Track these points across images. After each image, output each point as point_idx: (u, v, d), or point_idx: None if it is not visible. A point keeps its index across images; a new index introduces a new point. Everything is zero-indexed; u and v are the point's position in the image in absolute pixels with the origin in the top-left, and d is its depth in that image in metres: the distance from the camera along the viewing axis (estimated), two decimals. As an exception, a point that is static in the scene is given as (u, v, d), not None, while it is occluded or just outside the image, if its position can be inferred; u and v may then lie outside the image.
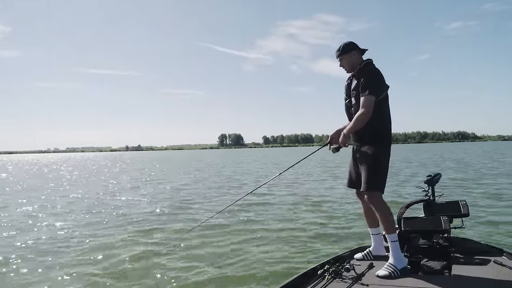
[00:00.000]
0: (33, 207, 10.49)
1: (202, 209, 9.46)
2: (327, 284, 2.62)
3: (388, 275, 2.74)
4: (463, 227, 3.44)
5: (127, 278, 4.57)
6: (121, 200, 11.65)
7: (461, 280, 2.58)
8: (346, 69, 3.17)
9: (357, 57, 3.12)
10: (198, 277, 4.52)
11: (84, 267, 4.99)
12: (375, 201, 3.00)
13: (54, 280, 4.59)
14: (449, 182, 13.01)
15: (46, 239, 6.59)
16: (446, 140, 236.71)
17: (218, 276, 4.50)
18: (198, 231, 6.54)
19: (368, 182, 2.96)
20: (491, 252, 3.12)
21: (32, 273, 4.82)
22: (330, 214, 8.12)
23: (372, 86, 2.91)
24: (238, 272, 4.65)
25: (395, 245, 2.93)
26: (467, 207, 3.38)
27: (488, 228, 6.25)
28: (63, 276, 4.68)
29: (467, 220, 3.57)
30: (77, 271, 4.82)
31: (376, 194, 2.99)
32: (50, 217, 8.76)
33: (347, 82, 3.22)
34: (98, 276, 4.66)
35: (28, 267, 5.06)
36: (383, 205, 3.00)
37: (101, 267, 5.00)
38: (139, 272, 4.77)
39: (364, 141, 3.04)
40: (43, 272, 4.87)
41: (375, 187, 2.97)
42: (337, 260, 3.09)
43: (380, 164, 2.98)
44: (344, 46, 3.12)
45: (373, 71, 3.01)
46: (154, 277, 4.58)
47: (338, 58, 3.16)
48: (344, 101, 3.24)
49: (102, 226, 7.65)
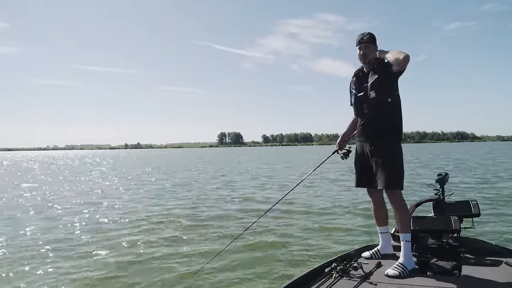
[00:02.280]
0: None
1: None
2: (335, 282, 2.58)
3: (397, 275, 2.70)
4: (474, 228, 3.38)
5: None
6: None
7: (471, 281, 2.53)
8: (363, 58, 3.05)
9: (374, 52, 3.04)
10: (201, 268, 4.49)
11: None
12: (396, 199, 2.94)
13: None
14: (458, 182, 12.96)
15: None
16: (446, 140, 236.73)
17: (222, 270, 4.48)
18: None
19: (389, 180, 2.89)
20: (503, 254, 3.06)
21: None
22: (336, 212, 8.11)
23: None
24: (241, 269, 4.63)
25: (408, 245, 2.89)
26: (478, 207, 3.32)
27: (499, 229, 6.18)
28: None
29: (477, 221, 3.52)
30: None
31: (397, 192, 2.94)
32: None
33: (354, 78, 3.15)
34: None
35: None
36: (403, 203, 2.95)
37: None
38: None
39: (382, 135, 2.95)
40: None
41: (397, 184, 2.92)
42: (344, 258, 3.04)
43: (400, 159, 2.94)
44: (373, 35, 3.05)
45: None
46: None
47: (363, 45, 3.02)
48: (353, 96, 3.13)
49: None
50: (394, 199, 2.94)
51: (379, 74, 2.95)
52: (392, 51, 2.84)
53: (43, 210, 9.35)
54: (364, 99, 3.04)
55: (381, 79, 2.92)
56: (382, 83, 2.92)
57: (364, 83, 3.06)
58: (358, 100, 3.10)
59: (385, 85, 2.92)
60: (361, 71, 3.13)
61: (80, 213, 8.90)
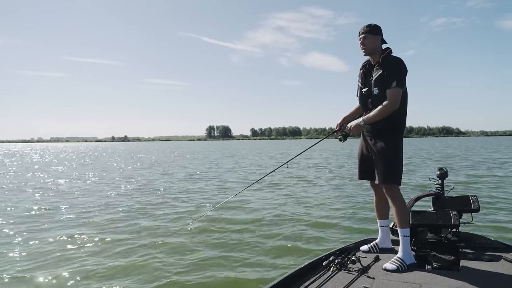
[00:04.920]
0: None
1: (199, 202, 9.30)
2: (332, 275, 2.56)
3: (395, 269, 2.68)
4: (473, 223, 3.37)
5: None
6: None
7: (469, 276, 2.51)
8: (366, 49, 2.98)
9: (380, 44, 2.99)
10: (200, 266, 4.49)
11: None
12: (393, 194, 2.93)
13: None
14: (457, 176, 13.08)
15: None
16: (431, 135, 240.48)
17: (221, 265, 4.46)
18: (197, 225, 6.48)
19: (386, 175, 2.89)
20: (502, 249, 3.05)
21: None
22: (335, 206, 8.12)
23: (400, 78, 2.83)
24: (241, 262, 4.61)
25: (406, 240, 2.87)
26: (478, 202, 3.31)
27: (498, 224, 6.21)
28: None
29: (477, 216, 3.51)
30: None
31: (394, 187, 2.93)
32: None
33: (362, 70, 3.10)
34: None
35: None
36: (400, 198, 2.93)
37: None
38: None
39: (381, 132, 2.94)
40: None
41: (393, 180, 2.90)
42: (342, 251, 3.03)
43: (398, 156, 2.92)
44: (374, 26, 2.98)
45: (400, 62, 2.89)
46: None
47: (364, 35, 2.96)
48: (359, 90, 3.10)
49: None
50: (390, 194, 2.94)
51: (383, 69, 2.89)
52: (375, 111, 2.87)
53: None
54: (368, 94, 3.01)
55: (383, 76, 2.87)
56: (385, 79, 2.87)
57: (369, 77, 3.02)
58: (362, 94, 3.07)
59: (387, 81, 2.85)
60: (368, 63, 3.07)
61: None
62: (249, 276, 4.22)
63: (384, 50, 2.97)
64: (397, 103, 2.83)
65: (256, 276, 4.21)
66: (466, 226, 3.32)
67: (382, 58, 2.93)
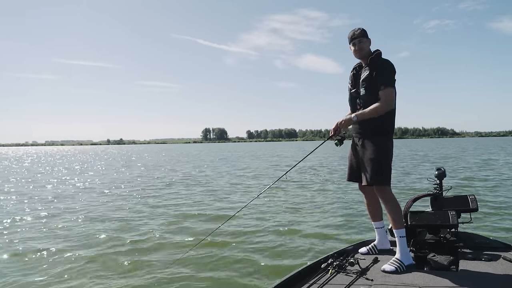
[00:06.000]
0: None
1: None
2: (331, 278, 2.55)
3: (394, 270, 2.67)
4: (471, 222, 3.36)
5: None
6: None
7: (469, 276, 2.50)
8: (359, 53, 3.01)
9: (369, 45, 3.02)
10: (198, 265, 4.49)
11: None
12: (384, 194, 2.92)
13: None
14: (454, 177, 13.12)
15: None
16: (426, 136, 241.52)
17: (220, 268, 4.44)
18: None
19: (375, 176, 2.87)
20: (500, 248, 3.05)
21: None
22: (333, 208, 8.11)
23: (389, 77, 2.86)
24: (239, 266, 4.58)
25: (403, 241, 2.85)
26: (476, 201, 3.31)
27: (497, 224, 6.21)
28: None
29: (475, 215, 3.51)
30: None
31: (385, 188, 2.92)
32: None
33: (352, 72, 3.12)
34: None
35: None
36: (392, 198, 2.92)
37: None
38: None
39: (369, 133, 2.94)
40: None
41: (383, 180, 2.89)
42: (341, 254, 3.03)
43: (386, 156, 2.91)
44: (364, 30, 3.02)
45: (389, 63, 2.91)
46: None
47: (357, 40, 2.98)
48: (349, 90, 3.13)
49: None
50: (382, 195, 2.94)
51: (370, 70, 2.92)
52: (369, 108, 2.85)
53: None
54: (357, 95, 3.04)
55: (371, 76, 2.89)
56: (372, 80, 2.88)
57: (359, 78, 3.04)
58: (351, 96, 3.10)
59: (375, 82, 2.86)
60: (359, 65, 3.10)
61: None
62: (247, 280, 4.17)
63: (372, 52, 2.99)
64: (391, 103, 2.85)
65: (255, 279, 4.18)
66: (465, 226, 3.31)
67: (370, 59, 2.95)
